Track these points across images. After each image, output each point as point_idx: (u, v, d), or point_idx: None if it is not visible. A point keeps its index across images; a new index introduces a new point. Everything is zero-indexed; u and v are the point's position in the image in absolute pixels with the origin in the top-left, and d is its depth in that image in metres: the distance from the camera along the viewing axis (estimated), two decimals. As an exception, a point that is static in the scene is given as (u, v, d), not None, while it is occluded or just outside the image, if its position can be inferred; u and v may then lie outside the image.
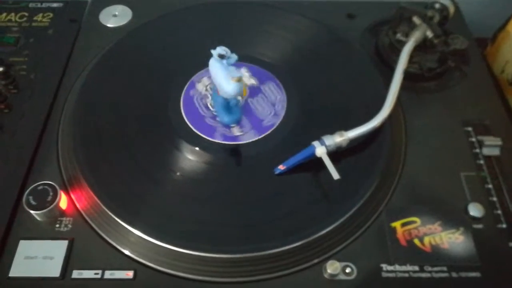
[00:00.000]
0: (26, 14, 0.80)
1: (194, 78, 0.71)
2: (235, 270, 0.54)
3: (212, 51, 0.60)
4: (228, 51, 0.60)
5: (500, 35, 0.82)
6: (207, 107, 0.68)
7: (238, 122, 0.66)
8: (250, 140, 0.64)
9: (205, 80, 0.70)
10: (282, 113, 0.67)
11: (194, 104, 0.68)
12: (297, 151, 0.60)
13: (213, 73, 0.62)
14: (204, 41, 0.74)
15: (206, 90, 0.69)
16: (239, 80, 0.59)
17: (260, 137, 0.64)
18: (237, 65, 0.63)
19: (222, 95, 0.62)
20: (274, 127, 0.66)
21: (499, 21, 0.84)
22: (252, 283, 0.54)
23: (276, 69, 0.72)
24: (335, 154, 0.60)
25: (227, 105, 0.65)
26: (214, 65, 0.61)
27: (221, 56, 0.59)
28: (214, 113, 0.67)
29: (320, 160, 0.58)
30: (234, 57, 0.60)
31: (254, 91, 0.70)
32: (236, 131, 0.65)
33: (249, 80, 0.69)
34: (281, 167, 0.60)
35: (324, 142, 0.59)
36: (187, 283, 0.54)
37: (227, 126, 0.66)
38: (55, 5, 0.82)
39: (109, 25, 0.80)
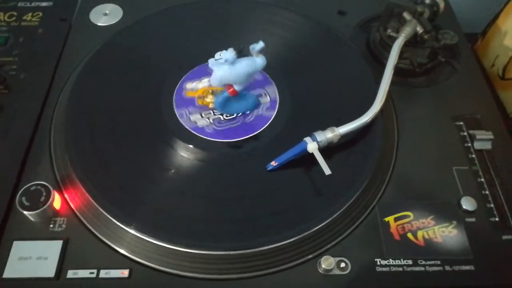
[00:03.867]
0: (15, 13, 0.80)
1: (181, 80, 0.71)
2: (230, 267, 0.55)
3: (224, 56, 0.60)
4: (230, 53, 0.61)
5: (490, 29, 0.83)
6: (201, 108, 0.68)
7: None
8: (244, 137, 0.64)
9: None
10: (276, 105, 0.67)
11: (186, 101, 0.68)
12: (290, 147, 0.60)
13: (236, 71, 0.62)
14: (196, 39, 0.74)
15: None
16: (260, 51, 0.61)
17: (253, 134, 0.65)
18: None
19: (247, 80, 0.63)
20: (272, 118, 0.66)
21: (489, 16, 0.84)
22: (247, 279, 0.54)
23: (267, 66, 0.71)
24: (327, 150, 0.60)
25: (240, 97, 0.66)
26: (234, 66, 0.61)
27: (240, 52, 0.61)
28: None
29: (312, 156, 0.58)
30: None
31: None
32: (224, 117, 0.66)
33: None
34: (273, 163, 0.60)
35: (315, 138, 0.59)
36: (182, 280, 0.54)
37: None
38: (44, 4, 0.82)
39: (99, 24, 0.80)
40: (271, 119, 0.66)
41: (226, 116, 0.66)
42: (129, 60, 0.72)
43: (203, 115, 0.67)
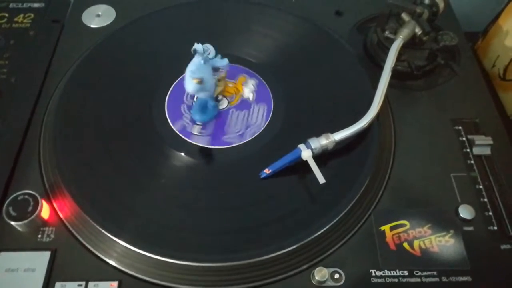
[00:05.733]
0: (6, 15, 0.78)
1: (173, 86, 0.69)
2: (221, 279, 0.53)
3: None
4: (208, 49, 0.60)
5: (491, 29, 0.81)
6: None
7: (204, 123, 0.66)
8: (237, 144, 0.63)
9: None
10: (247, 138, 0.64)
11: (181, 113, 0.67)
12: (284, 153, 0.59)
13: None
14: (189, 41, 0.72)
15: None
16: (199, 82, 0.59)
17: (246, 140, 0.63)
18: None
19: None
20: (231, 145, 0.64)
21: (490, 15, 0.82)
22: (239, 291, 0.53)
23: (261, 69, 0.71)
24: (322, 156, 0.59)
25: (205, 105, 0.65)
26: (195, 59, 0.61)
27: (195, 52, 0.60)
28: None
29: (306, 163, 0.57)
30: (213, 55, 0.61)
31: (244, 105, 0.68)
32: (196, 129, 0.65)
33: (247, 93, 0.68)
34: (267, 171, 0.59)
35: (310, 145, 0.58)
36: (173, 292, 0.53)
37: (193, 121, 0.65)
38: (36, 5, 0.80)
39: (92, 26, 0.78)
40: (265, 125, 0.65)
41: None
42: (122, 64, 0.71)
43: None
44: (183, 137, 0.63)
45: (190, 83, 0.60)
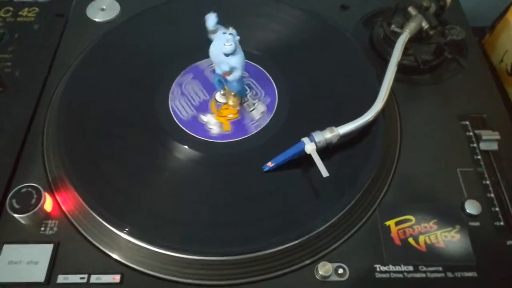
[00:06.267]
0: (11, 9, 0.78)
1: (177, 79, 0.69)
2: (225, 273, 0.53)
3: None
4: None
5: (499, 23, 0.80)
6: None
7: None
8: (241, 137, 0.63)
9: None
10: (252, 131, 0.64)
11: (182, 102, 0.66)
12: (288, 147, 0.58)
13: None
14: (192, 34, 0.72)
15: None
16: (214, 32, 0.58)
17: (250, 134, 0.63)
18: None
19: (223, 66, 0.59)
20: (235, 139, 0.63)
21: (498, 9, 0.82)
22: (242, 285, 0.53)
23: (266, 63, 0.70)
24: (326, 150, 0.58)
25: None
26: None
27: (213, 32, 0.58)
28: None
29: (310, 156, 0.56)
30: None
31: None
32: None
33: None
34: (270, 164, 0.58)
35: (313, 138, 0.57)
36: (176, 286, 0.53)
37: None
38: (41, -1, 0.80)
39: (96, 20, 0.78)
40: (269, 118, 0.64)
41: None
42: (125, 58, 0.71)
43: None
44: (186, 130, 0.63)
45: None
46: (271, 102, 0.66)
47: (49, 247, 0.54)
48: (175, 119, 0.64)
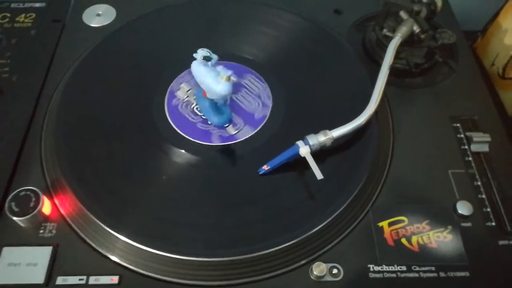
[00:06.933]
0: (8, 14, 0.79)
1: (172, 84, 0.70)
2: (221, 274, 0.54)
3: (195, 55, 0.59)
4: (210, 51, 0.59)
5: (490, 27, 0.82)
6: (194, 113, 0.66)
7: (230, 121, 0.65)
8: (236, 140, 0.64)
9: (184, 86, 0.69)
10: (270, 104, 0.67)
11: (180, 112, 0.67)
12: (283, 150, 0.59)
13: (198, 77, 0.60)
14: (189, 40, 0.73)
15: (188, 96, 0.68)
16: (229, 78, 0.58)
17: (245, 137, 0.64)
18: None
19: (211, 96, 0.60)
20: (266, 118, 0.65)
21: (489, 13, 0.83)
22: (238, 286, 0.54)
23: (260, 67, 0.71)
24: (321, 153, 0.59)
25: (215, 107, 0.63)
26: (199, 68, 0.60)
27: (206, 58, 0.58)
28: (204, 117, 0.66)
29: (305, 159, 0.57)
30: (215, 57, 0.59)
31: (235, 87, 0.68)
32: (231, 130, 0.64)
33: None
34: (265, 167, 0.59)
35: (308, 141, 0.58)
36: (173, 287, 0.54)
37: (222, 127, 0.65)
38: (37, 5, 0.81)
39: (93, 25, 0.79)
40: (264, 122, 0.65)
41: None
42: (122, 62, 0.72)
43: (202, 122, 0.66)
44: (183, 134, 0.64)
45: (220, 85, 0.58)
46: (266, 106, 0.67)
47: (48, 249, 0.55)
48: (171, 122, 0.65)
